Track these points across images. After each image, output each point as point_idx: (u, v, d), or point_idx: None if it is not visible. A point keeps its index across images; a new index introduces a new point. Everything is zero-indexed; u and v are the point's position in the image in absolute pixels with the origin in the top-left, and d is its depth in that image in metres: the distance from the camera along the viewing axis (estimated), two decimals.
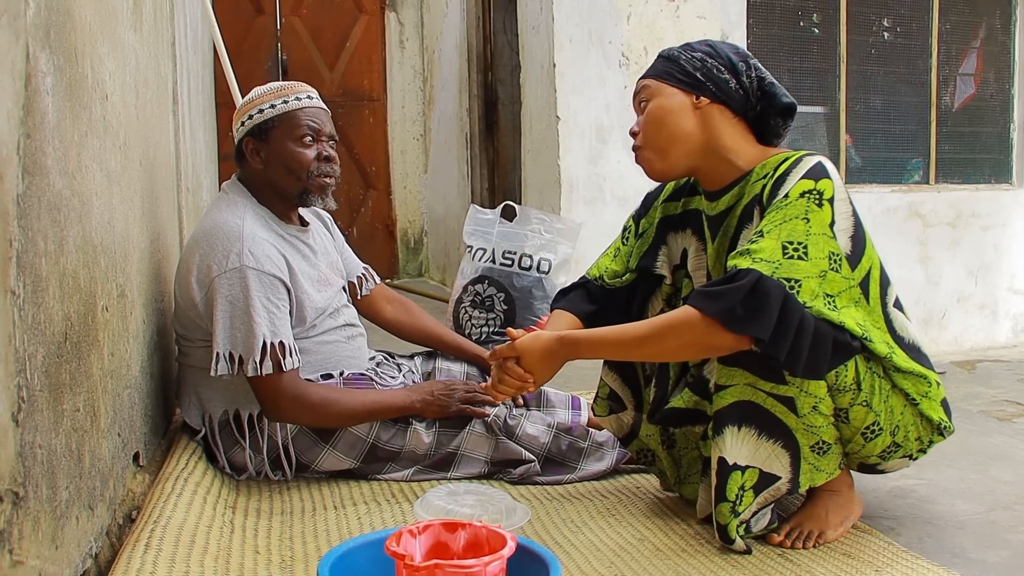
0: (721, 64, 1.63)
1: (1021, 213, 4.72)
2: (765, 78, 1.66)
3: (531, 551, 1.28)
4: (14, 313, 0.99)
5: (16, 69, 1.02)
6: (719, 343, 1.47)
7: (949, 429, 1.64)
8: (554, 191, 3.87)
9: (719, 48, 1.66)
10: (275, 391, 1.82)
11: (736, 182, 1.65)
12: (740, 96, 1.63)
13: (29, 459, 1.04)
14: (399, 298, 2.34)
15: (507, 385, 1.66)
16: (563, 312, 1.85)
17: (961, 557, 1.62)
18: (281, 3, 6.16)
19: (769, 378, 1.51)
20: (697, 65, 1.63)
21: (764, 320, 1.42)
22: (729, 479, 1.54)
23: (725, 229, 1.66)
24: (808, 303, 1.44)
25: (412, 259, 6.61)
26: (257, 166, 1.95)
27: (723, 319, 1.44)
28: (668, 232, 1.81)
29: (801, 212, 1.50)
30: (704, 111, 1.63)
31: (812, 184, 1.52)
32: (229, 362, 1.79)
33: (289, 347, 1.82)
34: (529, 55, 4.15)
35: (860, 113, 4.51)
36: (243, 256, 1.80)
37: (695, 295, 1.49)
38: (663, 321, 1.53)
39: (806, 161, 1.56)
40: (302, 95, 1.96)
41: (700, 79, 1.63)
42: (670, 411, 1.74)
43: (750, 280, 1.43)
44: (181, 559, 1.37)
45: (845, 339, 1.48)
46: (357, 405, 1.90)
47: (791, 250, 1.46)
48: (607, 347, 1.61)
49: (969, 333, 4.61)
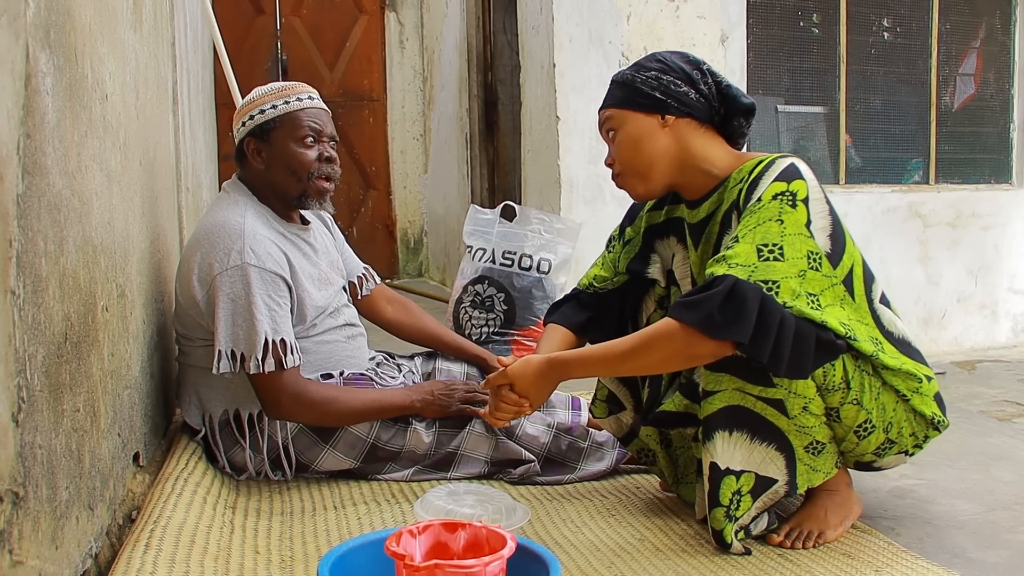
0: (676, 78, 1.63)
1: (1021, 213, 4.71)
2: (722, 82, 1.67)
3: (531, 551, 1.28)
4: (14, 313, 0.99)
5: (16, 69, 1.02)
6: (701, 351, 1.48)
7: (943, 423, 1.64)
8: (554, 191, 3.87)
9: (669, 62, 1.65)
10: (276, 389, 1.82)
11: (714, 189, 1.66)
12: (703, 105, 1.64)
13: (29, 459, 1.04)
14: (399, 298, 2.34)
15: (504, 412, 1.69)
16: (555, 326, 1.87)
17: (961, 557, 1.62)
18: (281, 3, 6.16)
19: (756, 381, 1.52)
20: (654, 85, 1.63)
21: (743, 324, 1.42)
22: (722, 484, 1.54)
23: (707, 236, 1.67)
24: (789, 303, 1.45)
25: (412, 259, 6.61)
26: (258, 166, 1.95)
27: (702, 327, 1.44)
28: (654, 240, 1.83)
29: (774, 214, 1.50)
30: (672, 127, 1.64)
31: (784, 186, 1.53)
32: (231, 360, 1.79)
33: (290, 344, 1.82)
34: (529, 55, 4.15)
35: (860, 113, 4.51)
36: (244, 253, 1.80)
37: (674, 307, 1.50)
38: (645, 335, 1.53)
39: (778, 164, 1.57)
40: (303, 96, 1.96)
41: (660, 98, 1.63)
42: (662, 413, 1.75)
43: (726, 286, 1.44)
44: (181, 559, 1.37)
45: (829, 337, 1.48)
46: (358, 404, 1.90)
47: (766, 252, 1.47)
48: (595, 365, 1.61)
49: (969, 333, 4.60)
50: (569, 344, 1.85)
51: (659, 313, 1.81)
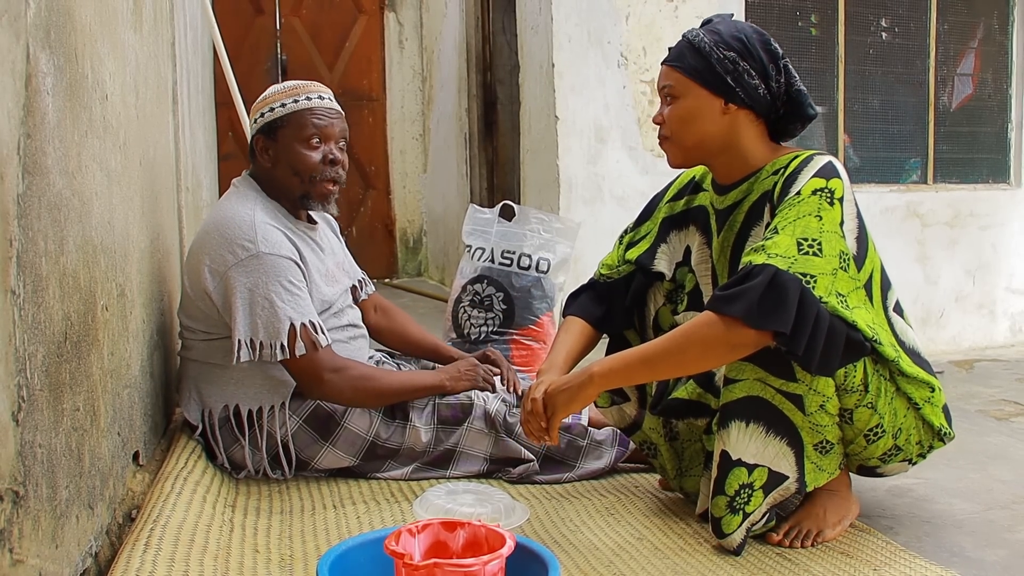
0: (753, 68, 1.60)
1: (1019, 213, 4.72)
2: (794, 84, 1.64)
3: (530, 550, 1.29)
4: (14, 313, 0.99)
5: (16, 69, 1.02)
6: (743, 341, 1.46)
7: (949, 435, 1.65)
8: (553, 191, 3.87)
9: (751, 46, 1.60)
10: (315, 367, 1.85)
11: (746, 178, 1.66)
12: (768, 102, 1.63)
13: (29, 458, 1.04)
14: (386, 305, 2.34)
15: (532, 427, 1.66)
16: (574, 318, 1.86)
17: (959, 556, 1.62)
18: (281, 3, 6.16)
19: (779, 374, 1.52)
20: (729, 68, 1.59)
21: (784, 314, 1.42)
22: (730, 474, 1.54)
23: (731, 224, 1.67)
24: (824, 298, 1.45)
25: (411, 259, 6.60)
26: (265, 164, 1.97)
27: (744, 316, 1.43)
28: (671, 231, 1.82)
29: (814, 209, 1.51)
30: (731, 115, 1.63)
31: (824, 183, 1.53)
32: (251, 349, 1.80)
33: (319, 325, 1.85)
34: (528, 55, 4.15)
35: (858, 113, 4.51)
36: (258, 243, 1.82)
37: (713, 300, 1.48)
38: (683, 331, 1.51)
39: (817, 160, 1.57)
40: (313, 95, 1.97)
41: (731, 85, 1.60)
42: (673, 401, 1.75)
43: (767, 275, 1.43)
44: (181, 558, 1.37)
45: (858, 338, 1.48)
46: (394, 381, 1.95)
47: (806, 246, 1.47)
48: (636, 370, 1.57)
49: (967, 332, 4.61)
50: (587, 337, 1.84)
51: (668, 307, 1.81)
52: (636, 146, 3.91)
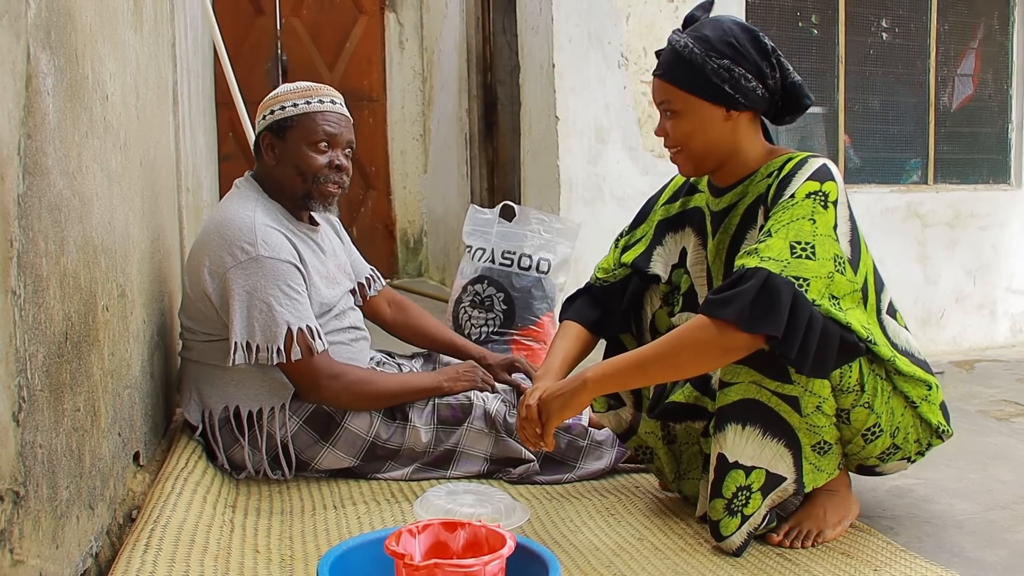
0: (748, 71, 1.58)
1: (1019, 213, 4.72)
2: (788, 77, 1.62)
3: (530, 550, 1.29)
4: (15, 313, 0.99)
5: (17, 70, 1.02)
6: (736, 344, 1.46)
7: (948, 433, 1.64)
8: (553, 191, 3.87)
9: (743, 49, 1.58)
10: (312, 372, 1.84)
11: (742, 180, 1.66)
12: (766, 100, 1.63)
13: (29, 458, 1.04)
14: (400, 299, 2.35)
15: (528, 432, 1.66)
16: (570, 323, 1.86)
17: (959, 556, 1.62)
18: (281, 3, 6.16)
19: (774, 377, 1.52)
20: (724, 76, 1.57)
21: (776, 317, 1.42)
22: (727, 477, 1.54)
23: (726, 226, 1.68)
24: (817, 301, 1.45)
25: (412, 259, 6.60)
26: (270, 162, 1.97)
27: (737, 320, 1.43)
28: (666, 233, 1.82)
29: (807, 213, 1.50)
30: (734, 120, 1.62)
31: (818, 186, 1.53)
32: (247, 351, 1.80)
33: (316, 330, 1.84)
34: (528, 55, 4.15)
35: (859, 113, 4.51)
36: (258, 246, 1.82)
37: (706, 303, 1.49)
38: (676, 335, 1.52)
39: (812, 162, 1.57)
40: (325, 99, 1.97)
41: (729, 92, 1.58)
42: (670, 405, 1.75)
43: (759, 279, 1.43)
44: (181, 558, 1.37)
45: (852, 339, 1.48)
46: (392, 384, 1.94)
47: (799, 250, 1.47)
48: (630, 374, 1.58)
49: (967, 333, 4.61)
50: (584, 342, 1.84)
51: (664, 310, 1.81)
52: (636, 146, 3.91)
